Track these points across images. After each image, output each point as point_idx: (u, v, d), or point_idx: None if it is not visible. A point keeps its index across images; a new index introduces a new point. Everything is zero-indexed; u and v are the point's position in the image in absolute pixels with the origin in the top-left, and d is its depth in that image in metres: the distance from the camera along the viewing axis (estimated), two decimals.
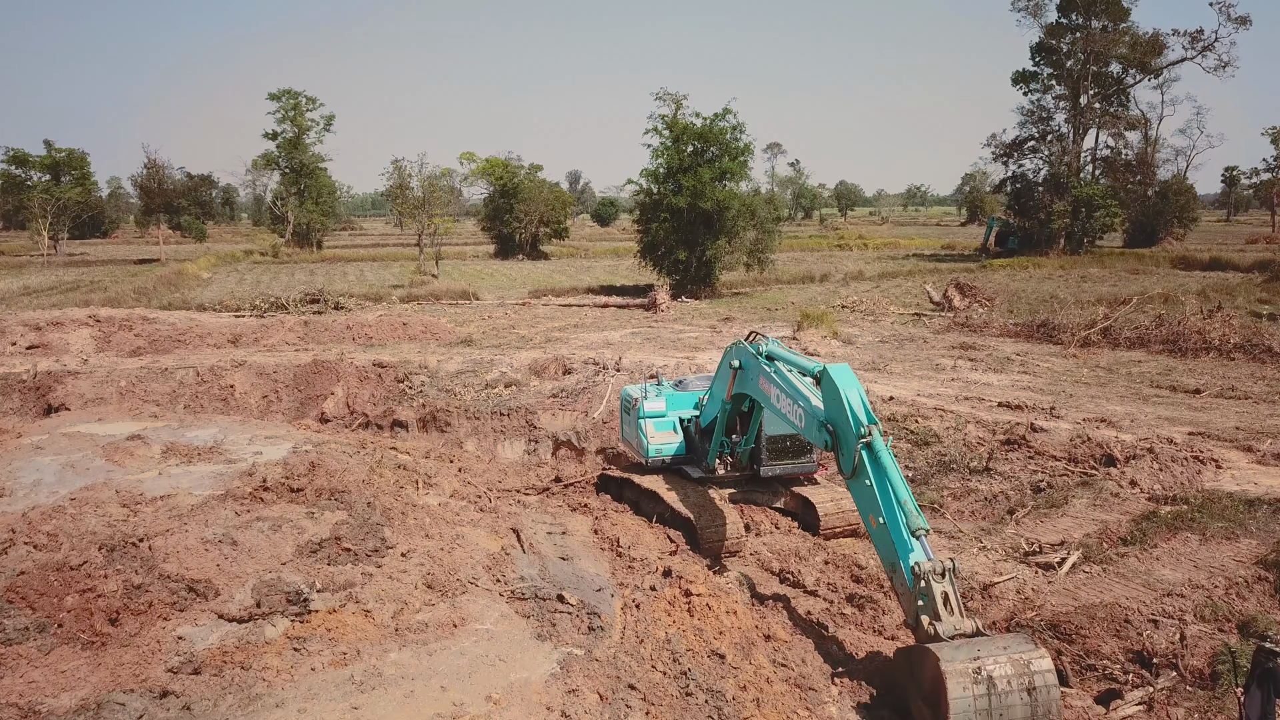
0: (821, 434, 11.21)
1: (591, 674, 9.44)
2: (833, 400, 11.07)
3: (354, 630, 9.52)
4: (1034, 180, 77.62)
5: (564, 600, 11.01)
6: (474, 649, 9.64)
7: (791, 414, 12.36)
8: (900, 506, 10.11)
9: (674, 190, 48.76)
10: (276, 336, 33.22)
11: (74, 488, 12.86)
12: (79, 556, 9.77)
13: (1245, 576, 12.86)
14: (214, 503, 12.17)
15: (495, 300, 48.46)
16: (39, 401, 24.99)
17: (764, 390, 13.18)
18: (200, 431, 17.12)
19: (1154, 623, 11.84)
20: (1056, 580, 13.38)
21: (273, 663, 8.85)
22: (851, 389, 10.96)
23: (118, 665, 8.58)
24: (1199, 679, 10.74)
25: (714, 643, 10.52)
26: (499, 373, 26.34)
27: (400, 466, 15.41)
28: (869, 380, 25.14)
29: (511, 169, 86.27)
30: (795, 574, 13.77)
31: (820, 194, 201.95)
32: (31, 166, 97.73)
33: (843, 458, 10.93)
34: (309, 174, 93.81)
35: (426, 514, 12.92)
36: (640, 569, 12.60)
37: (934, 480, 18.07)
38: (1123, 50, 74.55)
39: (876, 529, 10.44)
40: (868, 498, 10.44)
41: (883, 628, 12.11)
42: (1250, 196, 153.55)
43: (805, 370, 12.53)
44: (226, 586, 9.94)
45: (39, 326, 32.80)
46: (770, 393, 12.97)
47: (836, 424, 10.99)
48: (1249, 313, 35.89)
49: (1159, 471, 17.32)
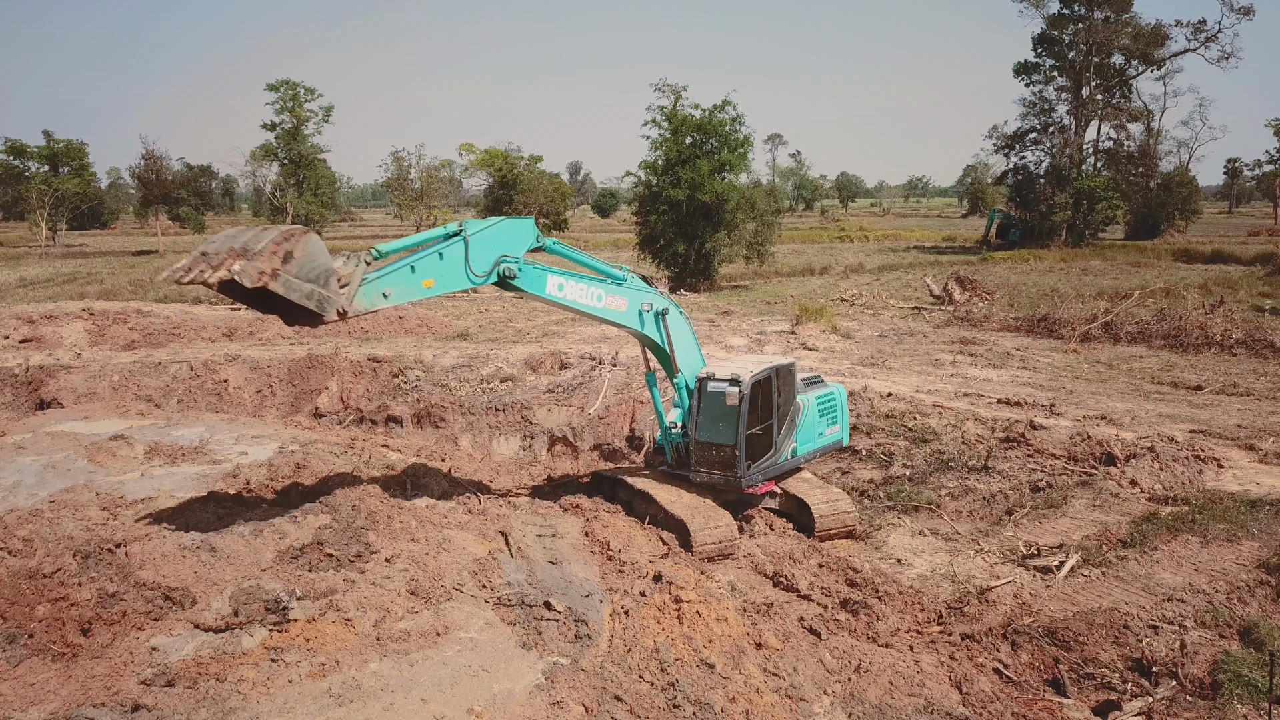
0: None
1: (577, 685, 9.21)
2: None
3: (334, 640, 9.30)
4: (1036, 172, 77.26)
5: (551, 607, 10.78)
6: (457, 659, 9.42)
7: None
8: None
9: (673, 182, 48.40)
10: (271, 330, 32.92)
11: (54, 490, 12.62)
12: (53, 563, 9.53)
13: (1247, 580, 12.64)
14: (195, 506, 11.94)
15: (493, 293, 48.13)
16: (31, 396, 24.74)
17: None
18: (186, 430, 16.89)
19: (1154, 629, 11.62)
20: (1055, 584, 13.17)
21: (249, 674, 8.63)
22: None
23: (89, 677, 8.36)
24: (1200, 688, 10.52)
25: (703, 651, 10.29)
26: (495, 367, 26.07)
27: (388, 466, 15.17)
28: (868, 376, 24.90)
29: (511, 160, 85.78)
30: (789, 577, 13.54)
31: (821, 185, 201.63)
32: (30, 157, 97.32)
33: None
34: (308, 165, 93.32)
35: (413, 516, 12.68)
36: (630, 573, 12.36)
37: (932, 479, 17.82)
38: (1125, 41, 74.10)
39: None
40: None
41: (877, 634, 11.88)
42: (1253, 188, 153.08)
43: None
44: (204, 594, 9.71)
45: (32, 320, 32.50)
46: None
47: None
48: (1251, 307, 35.65)
49: (1160, 471, 17.09)
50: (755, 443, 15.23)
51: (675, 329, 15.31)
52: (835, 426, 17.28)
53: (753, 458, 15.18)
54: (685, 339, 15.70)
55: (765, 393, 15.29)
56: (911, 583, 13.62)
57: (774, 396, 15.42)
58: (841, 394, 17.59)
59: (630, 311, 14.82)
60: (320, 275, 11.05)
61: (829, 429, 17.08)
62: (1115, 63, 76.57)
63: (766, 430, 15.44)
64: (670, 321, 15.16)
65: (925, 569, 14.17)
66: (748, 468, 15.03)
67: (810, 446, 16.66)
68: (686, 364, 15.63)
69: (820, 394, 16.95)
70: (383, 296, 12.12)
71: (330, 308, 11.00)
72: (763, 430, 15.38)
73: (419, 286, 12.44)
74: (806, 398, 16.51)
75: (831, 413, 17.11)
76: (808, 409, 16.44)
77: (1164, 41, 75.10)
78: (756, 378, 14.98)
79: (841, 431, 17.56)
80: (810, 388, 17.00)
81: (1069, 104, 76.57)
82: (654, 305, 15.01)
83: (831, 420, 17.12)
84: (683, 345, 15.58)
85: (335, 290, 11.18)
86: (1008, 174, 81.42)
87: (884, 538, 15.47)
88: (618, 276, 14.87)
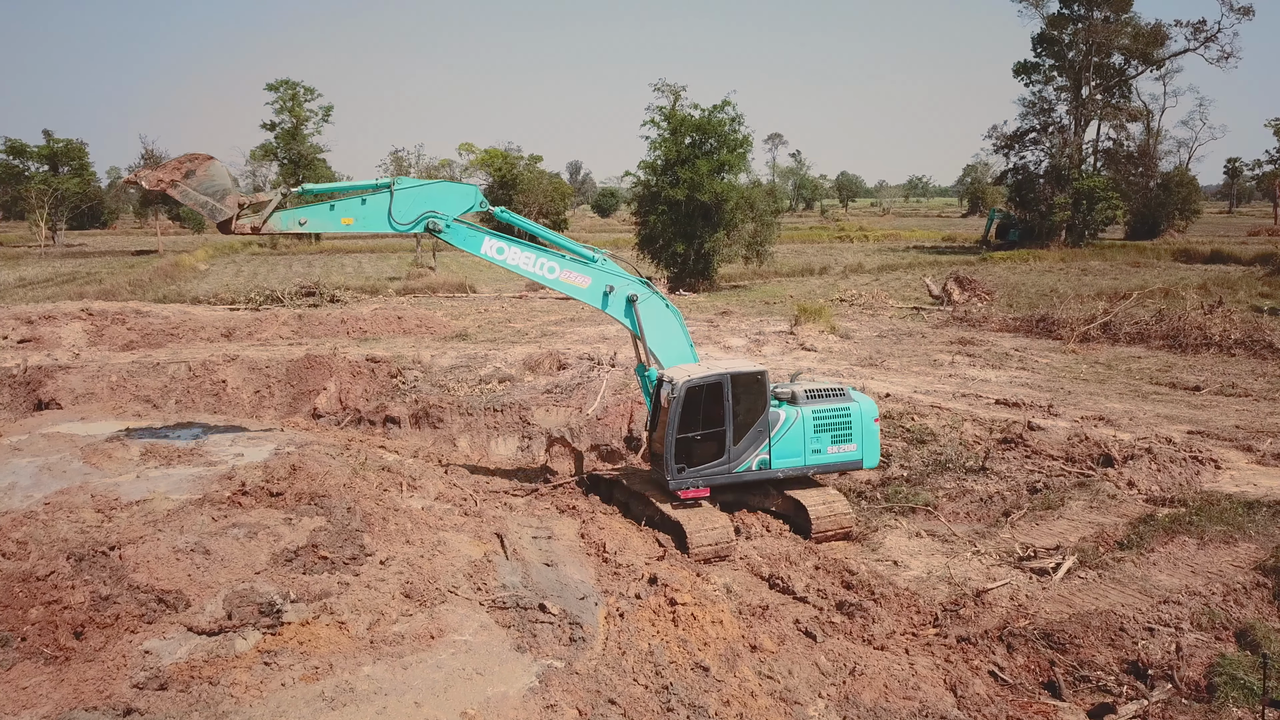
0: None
1: (571, 688, 9.20)
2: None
3: (327, 643, 9.28)
4: (1035, 172, 77.26)
5: (545, 609, 10.76)
6: (451, 662, 9.40)
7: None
8: None
9: (672, 183, 48.38)
10: (270, 330, 32.94)
11: (49, 491, 12.60)
12: (46, 566, 9.52)
13: (1243, 583, 12.62)
14: (190, 508, 11.91)
15: (492, 293, 48.14)
16: (29, 396, 24.73)
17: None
18: (183, 431, 16.88)
19: (1150, 631, 11.60)
20: (1051, 586, 13.15)
21: (242, 678, 8.61)
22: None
23: (81, 681, 8.34)
24: (1195, 691, 10.50)
25: (698, 654, 10.27)
26: (493, 368, 26.07)
27: (385, 468, 15.15)
28: (866, 377, 24.89)
29: (511, 160, 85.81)
30: (785, 579, 13.51)
31: (821, 185, 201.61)
32: (29, 157, 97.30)
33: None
34: (307, 165, 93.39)
35: (409, 518, 12.66)
36: (626, 575, 12.34)
37: (929, 480, 17.81)
38: (1124, 41, 74.11)
39: None
40: None
41: (872, 637, 11.86)
42: (1252, 188, 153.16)
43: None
44: (198, 597, 9.69)
45: (31, 320, 32.47)
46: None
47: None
48: (1250, 307, 35.64)
49: (1157, 472, 17.07)
50: (693, 447, 15.13)
51: (650, 319, 15.78)
52: (846, 445, 16.10)
53: (688, 462, 15.13)
54: (663, 333, 15.99)
55: (714, 399, 15.09)
56: (908, 585, 13.61)
57: (726, 404, 15.13)
58: (862, 412, 16.25)
59: (593, 290, 15.68)
60: (216, 192, 13.59)
61: (833, 447, 16.00)
62: (1115, 63, 76.59)
63: (715, 436, 15.22)
64: (643, 310, 15.69)
65: (921, 571, 14.16)
66: (679, 470, 15.06)
67: (795, 462, 15.79)
68: (665, 357, 15.97)
69: (822, 408, 15.99)
70: (298, 223, 14.22)
71: (218, 218, 13.63)
72: (707, 436, 15.19)
73: (337, 222, 14.42)
74: (796, 410, 15.79)
75: (841, 430, 16.01)
76: (793, 422, 15.69)
77: (1164, 41, 75.12)
78: (694, 383, 14.92)
79: (859, 451, 16.22)
80: (816, 400, 16.10)
81: (1069, 104, 76.58)
82: (618, 288, 15.66)
83: (840, 438, 16.03)
84: (658, 338, 15.93)
85: (229, 206, 13.60)
86: (1007, 174, 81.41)
87: (880, 539, 15.46)
88: (586, 256, 15.76)
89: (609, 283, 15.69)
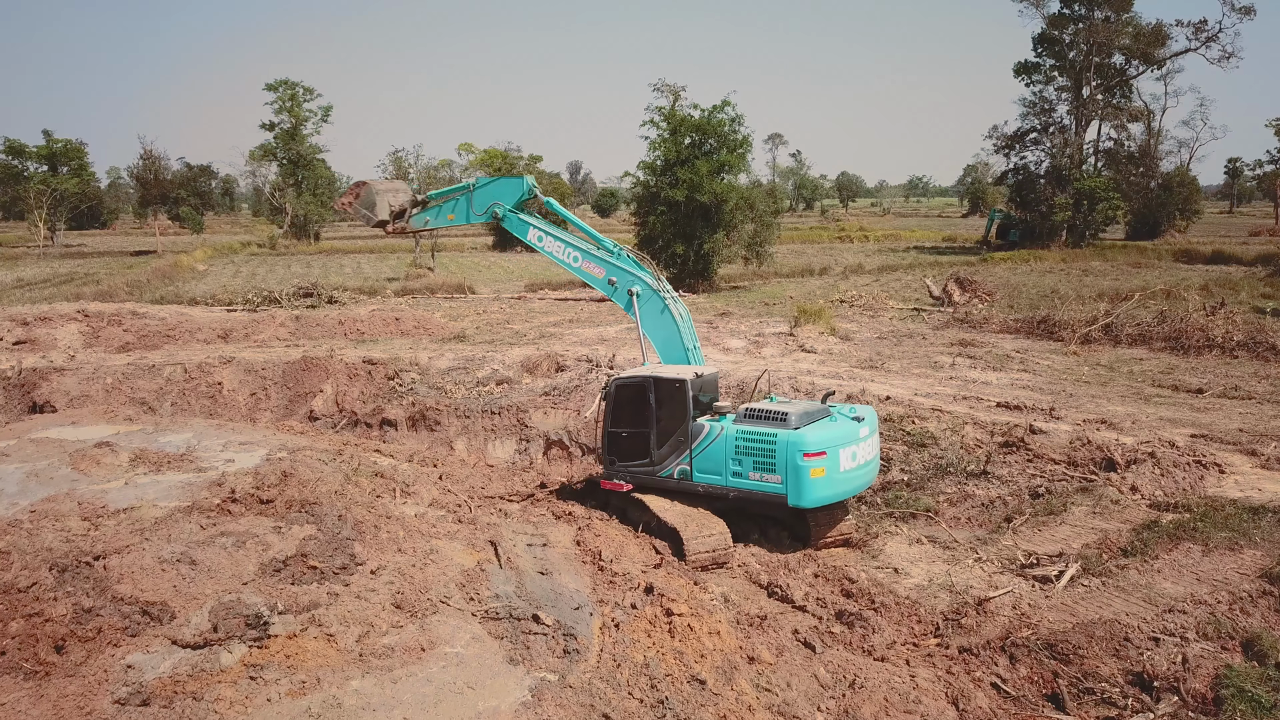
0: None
1: (564, 702, 9.00)
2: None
3: (315, 656, 9.07)
4: (1036, 172, 77.07)
5: (539, 620, 10.56)
6: (441, 675, 9.20)
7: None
8: None
9: (671, 183, 48.20)
10: (267, 332, 32.78)
11: (36, 498, 12.39)
12: (29, 577, 9.31)
13: (1250, 590, 12.40)
14: (178, 516, 11.70)
15: (491, 294, 47.99)
16: (24, 399, 24.56)
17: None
18: (174, 436, 16.67)
19: (1155, 641, 11.38)
20: (1054, 594, 12.92)
21: (226, 693, 8.40)
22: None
23: (61, 697, 8.13)
24: (1202, 703, 10.28)
25: (694, 667, 10.07)
26: (491, 370, 25.89)
27: (378, 474, 14.95)
28: (866, 379, 24.69)
29: (510, 160, 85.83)
30: (784, 587, 13.30)
31: (822, 185, 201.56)
32: (28, 157, 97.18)
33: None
34: (306, 165, 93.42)
35: (401, 526, 12.45)
36: (622, 584, 12.13)
37: (930, 484, 17.60)
38: (1125, 41, 73.93)
39: None
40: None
41: (873, 647, 11.65)
42: (1253, 188, 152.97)
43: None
44: (183, 609, 9.48)
45: (26, 322, 32.32)
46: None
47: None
48: (1252, 308, 35.43)
49: (1160, 477, 16.87)
50: (620, 443, 15.86)
51: (646, 317, 16.74)
52: (770, 475, 14.23)
53: (618, 456, 15.90)
54: (662, 333, 16.70)
55: (640, 399, 15.48)
56: (908, 593, 13.39)
57: (648, 407, 15.31)
58: (789, 444, 14.02)
59: (604, 280, 17.16)
60: (369, 205, 19.06)
61: (754, 473, 14.39)
62: (1115, 63, 76.38)
63: (639, 438, 15.55)
64: (641, 307, 16.68)
65: (922, 578, 13.94)
66: (610, 463, 16.02)
67: (716, 479, 14.83)
68: (665, 356, 16.66)
69: (749, 430, 14.52)
70: (425, 222, 19.67)
71: (369, 223, 19.52)
72: (632, 435, 15.65)
73: (444, 219, 19.43)
74: (720, 426, 14.83)
75: (765, 458, 14.27)
76: (715, 438, 14.79)
77: (1164, 41, 74.95)
78: (621, 380, 15.90)
79: (784, 486, 14.09)
80: (751, 421, 14.68)
81: (1069, 104, 76.39)
82: (621, 282, 16.91)
83: (764, 466, 14.29)
84: (657, 337, 16.79)
85: (378, 214, 19.01)
86: (1008, 174, 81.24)
87: (881, 546, 15.25)
88: (607, 248, 17.39)
89: (615, 275, 16.93)
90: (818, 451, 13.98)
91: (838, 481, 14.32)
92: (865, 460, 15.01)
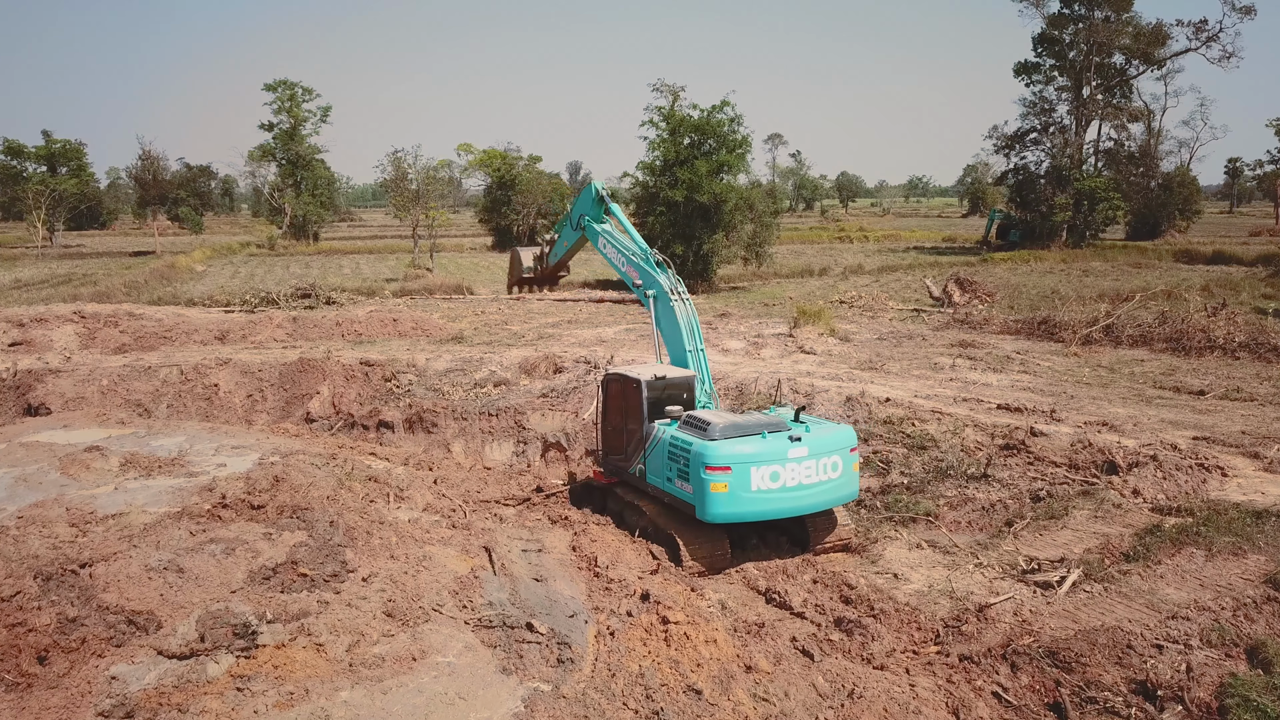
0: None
1: (557, 714, 8.83)
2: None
3: (304, 667, 8.90)
4: (1036, 172, 76.85)
5: (533, 629, 10.39)
6: (433, 685, 9.03)
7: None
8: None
9: (670, 183, 48.02)
10: (265, 333, 32.59)
11: (24, 504, 12.22)
12: (13, 586, 9.14)
13: (1254, 596, 12.21)
14: (167, 522, 11.53)
15: (489, 295, 47.76)
16: (19, 401, 24.39)
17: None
18: (166, 440, 16.50)
19: (1158, 649, 11.21)
20: (1056, 601, 12.74)
21: (212, 705, 8.24)
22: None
23: (43, 709, 7.96)
24: (1206, 713, 10.11)
25: (691, 676, 9.89)
26: (488, 371, 25.72)
27: (372, 478, 14.78)
28: (865, 381, 24.51)
29: (510, 160, 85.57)
30: (782, 594, 13.13)
31: (821, 185, 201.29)
32: (27, 158, 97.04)
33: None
34: (305, 165, 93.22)
35: (394, 532, 12.28)
36: (618, 591, 11.96)
37: (930, 488, 17.40)
38: (1125, 41, 73.74)
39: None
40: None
41: (872, 655, 11.47)
42: (1254, 188, 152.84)
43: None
44: (170, 619, 9.31)
45: (22, 323, 32.13)
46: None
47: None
48: (1253, 309, 35.24)
49: (1163, 480, 16.68)
50: (605, 435, 16.74)
51: (661, 318, 17.66)
52: (685, 484, 13.98)
53: (607, 448, 16.65)
54: (670, 334, 17.47)
55: (616, 395, 16.36)
56: (908, 599, 13.21)
57: (623, 403, 16.05)
58: (700, 454, 13.58)
59: (634, 282, 18.63)
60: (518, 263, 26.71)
61: (678, 481, 14.16)
62: (1116, 62, 76.19)
63: (617, 433, 16.26)
64: (657, 308, 17.74)
65: (922, 584, 13.76)
66: (603, 455, 16.84)
67: (658, 483, 14.77)
68: (671, 355, 17.41)
69: (678, 436, 14.28)
70: (555, 255, 25.22)
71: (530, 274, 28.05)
72: (613, 429, 16.41)
73: (563, 245, 24.12)
74: (664, 431, 14.70)
75: (684, 467, 13.97)
76: (658, 441, 14.72)
77: (1165, 41, 74.76)
78: (608, 375, 16.73)
79: (696, 497, 13.68)
80: (683, 428, 14.43)
81: (1069, 104, 76.19)
82: (644, 284, 18.10)
83: (682, 475, 14.04)
84: (667, 337, 17.60)
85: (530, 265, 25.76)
86: (1008, 174, 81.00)
87: (880, 550, 15.06)
88: (646, 253, 18.55)
89: (643, 278, 18.08)
90: (720, 466, 13.33)
91: (745, 500, 13.47)
92: (800, 482, 13.79)
